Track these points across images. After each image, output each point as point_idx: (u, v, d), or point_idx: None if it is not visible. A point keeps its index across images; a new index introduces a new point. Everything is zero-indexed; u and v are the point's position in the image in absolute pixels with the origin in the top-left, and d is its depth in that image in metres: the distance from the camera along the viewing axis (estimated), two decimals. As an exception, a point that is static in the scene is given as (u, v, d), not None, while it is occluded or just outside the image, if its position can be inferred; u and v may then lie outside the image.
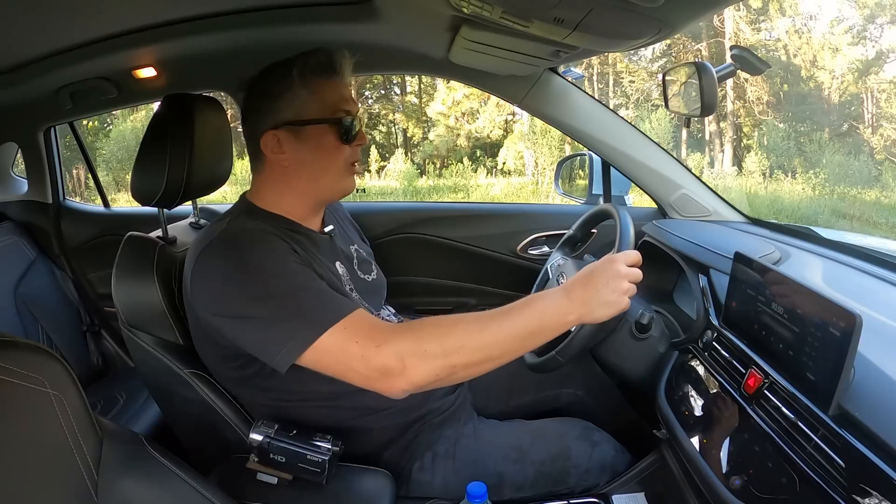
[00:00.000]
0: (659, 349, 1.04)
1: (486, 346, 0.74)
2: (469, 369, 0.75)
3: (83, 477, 0.54)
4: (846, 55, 12.88)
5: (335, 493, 0.84)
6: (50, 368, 0.54)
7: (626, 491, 0.95)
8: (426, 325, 0.76)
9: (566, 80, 1.38)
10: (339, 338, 0.74)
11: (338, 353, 0.74)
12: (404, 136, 14.76)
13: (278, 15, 1.13)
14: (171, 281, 0.93)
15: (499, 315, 0.76)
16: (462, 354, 0.74)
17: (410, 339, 0.74)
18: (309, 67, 0.87)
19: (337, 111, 0.87)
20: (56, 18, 1.05)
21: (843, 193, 10.99)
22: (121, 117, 12.21)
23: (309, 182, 0.90)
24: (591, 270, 0.79)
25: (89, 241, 1.71)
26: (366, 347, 0.73)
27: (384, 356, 0.72)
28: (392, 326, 0.77)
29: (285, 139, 0.87)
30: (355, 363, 0.73)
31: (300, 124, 0.86)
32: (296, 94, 0.86)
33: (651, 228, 1.32)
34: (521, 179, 13.01)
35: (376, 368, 0.73)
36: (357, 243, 1.08)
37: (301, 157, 0.88)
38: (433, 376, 0.74)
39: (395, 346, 0.73)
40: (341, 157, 0.89)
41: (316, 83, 0.87)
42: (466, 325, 0.75)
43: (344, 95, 0.89)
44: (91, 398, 0.59)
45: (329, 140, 0.88)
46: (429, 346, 0.73)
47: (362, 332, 0.74)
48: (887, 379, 0.65)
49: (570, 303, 0.77)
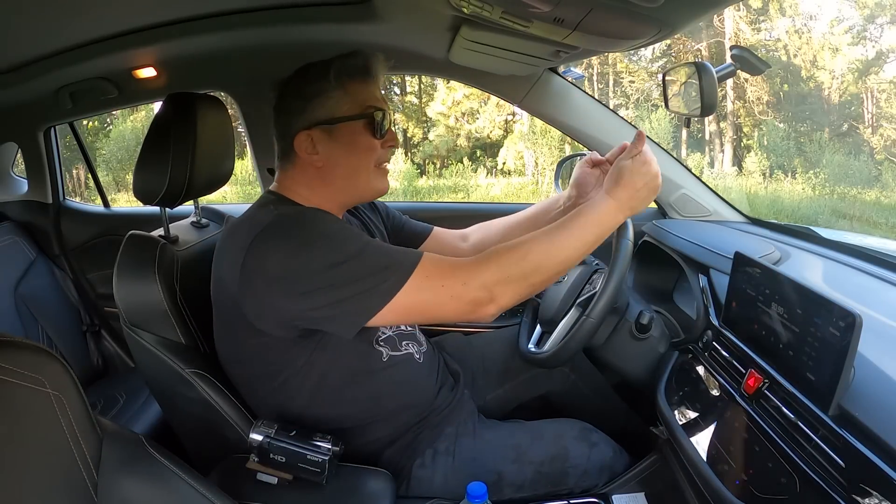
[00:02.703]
0: (659, 349, 1.04)
1: (558, 261, 0.83)
2: (545, 283, 0.84)
3: (83, 477, 0.54)
4: (846, 55, 12.88)
5: (335, 493, 0.84)
6: (50, 368, 0.54)
7: (626, 491, 0.95)
8: (502, 252, 0.81)
9: (566, 80, 1.38)
10: (424, 283, 0.78)
11: (427, 297, 0.78)
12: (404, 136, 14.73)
13: (278, 15, 1.13)
14: (173, 280, 0.93)
15: (561, 230, 0.83)
16: (539, 273, 0.81)
17: (493, 268, 0.79)
18: (346, 70, 0.88)
19: (368, 108, 0.89)
20: (56, 18, 1.05)
21: (843, 193, 10.99)
22: (121, 117, 12.20)
23: (343, 181, 0.91)
24: (618, 172, 0.86)
25: (89, 241, 1.71)
26: (453, 288, 0.78)
27: (473, 291, 0.78)
28: (470, 261, 0.81)
29: (319, 139, 0.88)
30: (447, 303, 0.79)
31: (333, 122, 0.87)
32: (330, 95, 0.87)
33: (651, 228, 1.32)
34: (521, 179, 13.00)
35: (468, 302, 0.79)
36: (377, 235, 1.08)
37: (335, 156, 0.88)
38: (518, 297, 0.81)
39: (480, 279, 0.79)
40: (373, 155, 0.90)
41: (350, 85, 0.88)
42: (538, 246, 0.82)
43: (376, 95, 0.90)
44: (91, 398, 0.59)
45: (362, 138, 0.88)
46: (510, 271, 0.80)
47: (444, 272, 0.79)
48: (887, 379, 0.65)
49: (619, 203, 0.85)
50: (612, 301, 0.92)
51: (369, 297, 0.77)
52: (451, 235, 1.19)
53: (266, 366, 0.87)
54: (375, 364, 0.91)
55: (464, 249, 1.17)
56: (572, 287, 1.09)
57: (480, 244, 1.16)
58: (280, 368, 0.87)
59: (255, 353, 0.87)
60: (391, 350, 0.93)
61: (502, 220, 1.16)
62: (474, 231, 1.18)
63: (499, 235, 1.15)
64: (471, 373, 1.15)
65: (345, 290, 0.77)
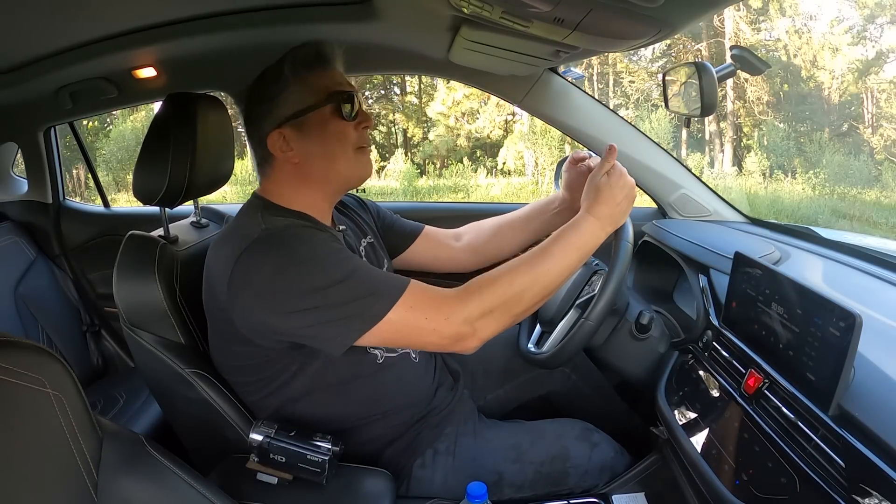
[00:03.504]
0: (659, 349, 1.04)
1: (541, 290, 0.82)
2: (528, 310, 0.83)
3: (83, 477, 0.54)
4: (846, 55, 12.88)
5: (335, 493, 0.84)
6: (50, 368, 0.54)
7: (626, 491, 0.95)
8: (483, 284, 0.81)
9: (566, 80, 1.38)
10: (408, 314, 0.78)
11: (410, 328, 0.79)
12: (404, 136, 14.75)
13: (278, 15, 1.13)
14: (173, 280, 0.93)
15: (544, 257, 0.83)
16: (521, 302, 0.81)
17: (475, 302, 0.79)
18: (300, 62, 0.87)
19: (331, 94, 0.87)
20: (56, 18, 1.05)
21: (843, 193, 10.99)
22: (121, 117, 12.21)
23: (323, 172, 0.89)
24: (596, 189, 0.87)
25: (89, 241, 1.71)
26: (436, 321, 0.78)
27: (455, 326, 0.79)
28: (454, 294, 0.81)
29: (290, 136, 0.87)
30: (428, 336, 0.79)
31: (300, 115, 0.86)
32: (290, 91, 0.87)
33: (651, 228, 1.32)
34: (521, 179, 13.00)
35: (450, 336, 0.79)
36: (369, 234, 1.08)
37: (309, 149, 0.88)
38: (500, 328, 0.81)
39: (463, 314, 0.79)
40: (347, 139, 0.88)
41: (308, 76, 0.87)
42: (520, 276, 0.82)
43: (337, 81, 0.89)
44: (91, 398, 0.59)
45: (331, 124, 0.87)
46: (492, 304, 0.80)
47: (428, 305, 0.79)
48: (887, 379, 0.65)
49: (599, 221, 0.86)
50: (610, 304, 0.92)
51: (353, 321, 0.77)
52: (443, 234, 1.18)
53: (259, 371, 0.88)
54: (371, 366, 0.91)
55: (456, 248, 1.17)
56: (572, 287, 1.08)
57: (473, 243, 1.16)
58: (273, 374, 0.87)
59: (247, 358, 0.87)
60: (386, 351, 0.93)
61: (495, 220, 1.16)
62: (467, 230, 1.18)
63: (491, 234, 1.15)
64: (471, 373, 1.15)
65: (330, 313, 0.77)
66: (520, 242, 1.15)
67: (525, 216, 1.13)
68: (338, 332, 0.77)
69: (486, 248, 1.15)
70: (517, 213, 1.14)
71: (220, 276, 0.81)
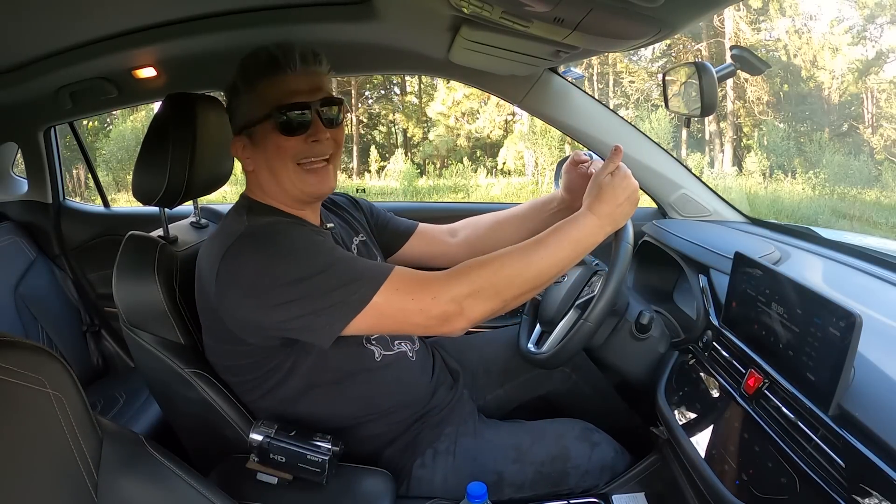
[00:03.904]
0: (659, 349, 1.04)
1: (533, 277, 0.81)
2: (518, 299, 0.82)
3: (83, 477, 0.54)
4: (846, 55, 12.89)
5: (335, 493, 0.84)
6: (50, 368, 0.54)
7: (626, 491, 0.95)
8: (474, 266, 0.81)
9: (566, 80, 1.38)
10: (393, 296, 0.77)
11: (396, 310, 0.78)
12: (404, 136, 14.76)
13: (278, 15, 1.13)
14: (173, 280, 0.93)
15: (539, 246, 0.82)
16: (512, 288, 0.80)
17: (464, 282, 0.79)
18: (251, 70, 0.85)
19: (276, 107, 0.83)
20: (56, 18, 1.05)
21: (843, 193, 11.00)
22: (121, 117, 12.21)
23: (268, 185, 0.89)
24: (599, 188, 0.86)
25: (89, 241, 1.71)
26: (422, 301, 0.78)
27: (443, 304, 0.78)
28: (441, 275, 0.80)
29: (245, 144, 0.88)
30: (415, 317, 0.78)
31: (248, 127, 0.86)
32: (242, 100, 0.87)
33: (651, 228, 1.32)
34: (521, 179, 13.01)
35: (436, 317, 0.78)
36: (361, 233, 1.08)
37: (256, 160, 0.88)
38: (490, 311, 0.80)
39: (450, 293, 0.78)
40: (286, 155, 0.84)
41: (259, 84, 0.85)
42: (512, 261, 0.81)
43: (291, 89, 0.83)
44: (91, 398, 0.59)
45: (272, 138, 0.84)
46: (480, 284, 0.79)
47: (414, 286, 0.78)
48: (887, 379, 0.65)
49: (599, 219, 0.85)
50: (610, 305, 0.92)
51: (339, 308, 0.77)
52: (438, 231, 1.18)
53: (252, 370, 0.88)
54: (368, 364, 0.92)
55: (452, 244, 1.16)
56: (572, 288, 1.08)
57: (469, 239, 1.15)
58: (267, 373, 0.88)
59: (240, 358, 0.87)
60: (384, 349, 0.93)
61: (492, 216, 1.16)
62: (463, 226, 1.17)
63: (488, 230, 1.14)
64: (471, 372, 1.15)
65: (316, 303, 0.77)
66: (516, 239, 1.13)
67: (523, 213, 1.12)
68: (325, 321, 0.77)
69: (483, 244, 1.15)
70: (515, 209, 1.14)
71: (209, 275, 0.82)
